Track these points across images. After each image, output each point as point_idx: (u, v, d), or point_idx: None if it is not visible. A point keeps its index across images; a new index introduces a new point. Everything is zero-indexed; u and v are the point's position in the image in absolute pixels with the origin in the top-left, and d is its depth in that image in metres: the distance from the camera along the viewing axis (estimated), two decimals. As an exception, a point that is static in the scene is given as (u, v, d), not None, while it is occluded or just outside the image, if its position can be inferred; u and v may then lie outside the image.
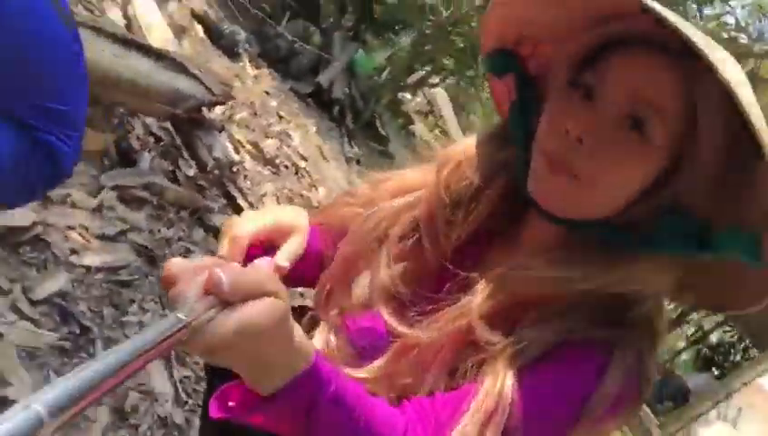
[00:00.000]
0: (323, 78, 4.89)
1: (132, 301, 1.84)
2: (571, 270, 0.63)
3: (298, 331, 0.51)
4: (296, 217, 0.76)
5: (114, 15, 2.83)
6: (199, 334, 0.42)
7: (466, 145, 0.75)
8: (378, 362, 0.68)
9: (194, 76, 2.26)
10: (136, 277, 1.92)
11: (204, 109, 2.37)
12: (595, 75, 0.63)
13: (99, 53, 2.10)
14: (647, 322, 0.64)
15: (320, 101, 4.91)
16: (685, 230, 0.62)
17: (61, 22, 1.22)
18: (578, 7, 0.65)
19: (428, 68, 6.09)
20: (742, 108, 0.54)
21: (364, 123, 5.53)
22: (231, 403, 0.52)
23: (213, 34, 3.82)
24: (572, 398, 0.60)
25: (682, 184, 0.61)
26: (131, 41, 2.20)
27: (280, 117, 3.86)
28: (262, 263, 0.61)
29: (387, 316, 0.70)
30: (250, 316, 0.44)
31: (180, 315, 0.41)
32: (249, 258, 0.67)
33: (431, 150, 0.80)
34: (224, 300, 0.44)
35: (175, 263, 0.47)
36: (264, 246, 0.72)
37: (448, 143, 0.79)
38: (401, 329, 0.68)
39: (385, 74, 6.07)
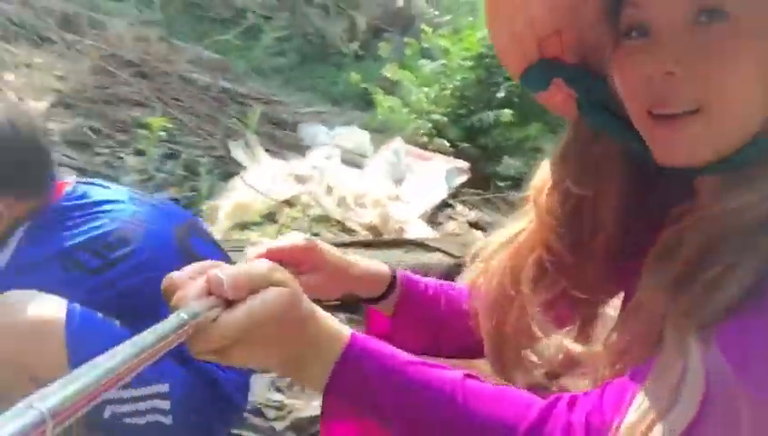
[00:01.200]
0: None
1: None
2: (746, 194, 0.53)
3: (323, 318, 0.50)
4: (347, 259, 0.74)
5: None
6: (204, 333, 0.43)
7: (550, 169, 0.71)
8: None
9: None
10: None
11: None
12: (637, 5, 0.58)
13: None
14: None
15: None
16: None
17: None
18: None
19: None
20: None
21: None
22: None
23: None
24: None
25: None
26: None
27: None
28: (262, 261, 0.56)
29: (572, 346, 0.67)
30: (252, 306, 0.44)
31: (182, 314, 0.41)
32: None
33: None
34: (226, 298, 0.44)
35: (173, 275, 0.47)
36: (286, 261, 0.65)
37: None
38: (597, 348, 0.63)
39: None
